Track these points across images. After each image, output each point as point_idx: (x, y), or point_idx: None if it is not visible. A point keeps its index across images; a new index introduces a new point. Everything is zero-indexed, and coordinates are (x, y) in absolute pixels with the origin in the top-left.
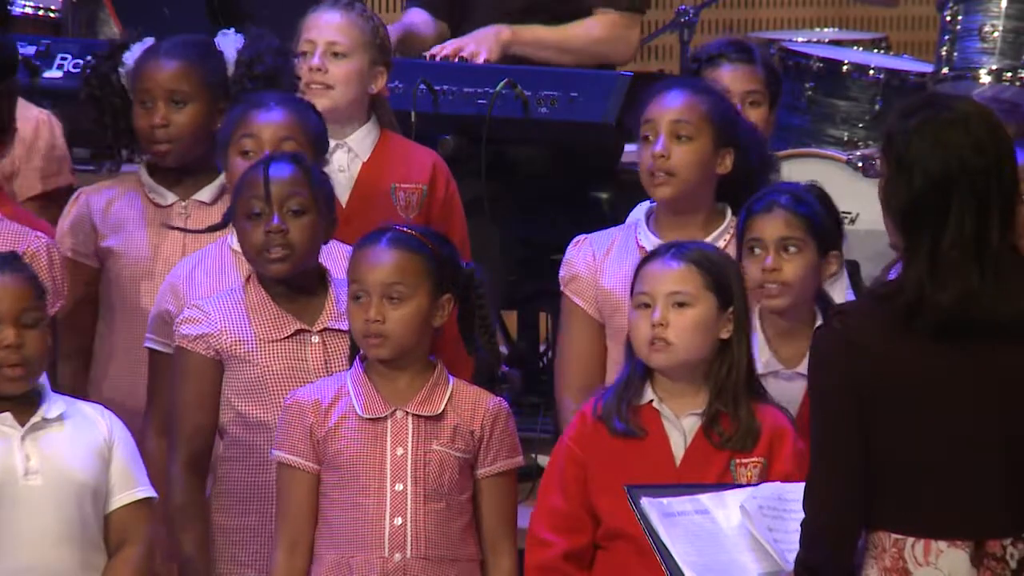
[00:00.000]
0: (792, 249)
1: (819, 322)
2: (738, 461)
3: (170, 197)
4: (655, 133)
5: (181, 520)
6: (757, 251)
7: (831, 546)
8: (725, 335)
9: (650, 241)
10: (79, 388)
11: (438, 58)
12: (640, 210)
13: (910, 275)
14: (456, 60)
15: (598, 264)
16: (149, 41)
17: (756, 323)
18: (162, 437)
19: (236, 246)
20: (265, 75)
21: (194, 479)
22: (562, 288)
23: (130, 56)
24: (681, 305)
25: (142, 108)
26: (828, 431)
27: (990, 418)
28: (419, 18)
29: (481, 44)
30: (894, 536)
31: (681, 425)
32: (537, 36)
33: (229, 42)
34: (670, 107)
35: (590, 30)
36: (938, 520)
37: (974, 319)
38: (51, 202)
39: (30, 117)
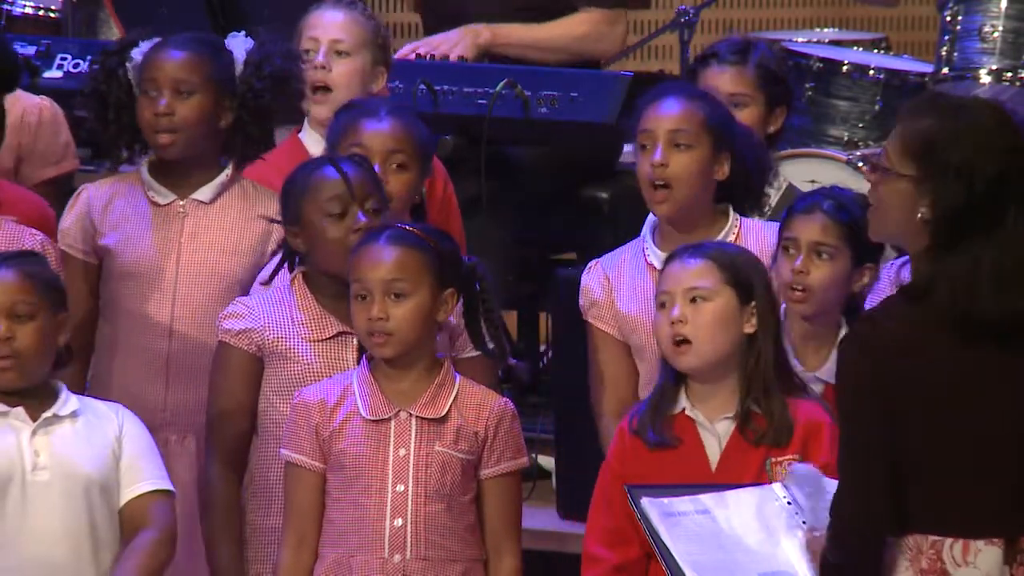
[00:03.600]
0: (824, 255)
1: (843, 328)
2: (773, 460)
3: (169, 196)
4: (653, 142)
5: (215, 516)
6: (791, 251)
7: (859, 548)
8: (749, 329)
9: (657, 256)
10: (73, 385)
11: (412, 56)
12: (647, 224)
13: (954, 279)
14: (429, 59)
15: (612, 287)
16: (158, 40)
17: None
18: None
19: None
20: (274, 76)
21: (230, 475)
22: (584, 316)
23: (138, 52)
24: (699, 300)
25: (147, 98)
26: (857, 434)
27: (1019, 416)
28: None
29: (456, 46)
30: (931, 538)
31: (715, 430)
32: (518, 36)
33: (239, 43)
34: (667, 115)
35: (573, 28)
36: (975, 520)
37: (1014, 323)
38: (56, 187)
39: (32, 105)
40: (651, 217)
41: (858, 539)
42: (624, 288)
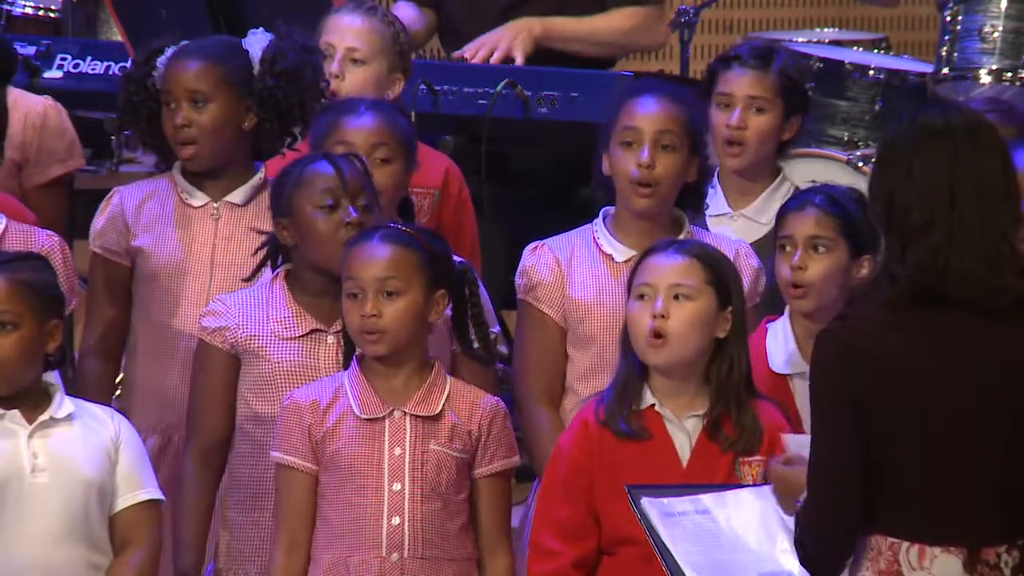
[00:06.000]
0: (821, 249)
1: None
2: (742, 460)
3: (202, 198)
4: (639, 141)
5: (186, 511)
6: (788, 248)
7: (831, 545)
8: (721, 334)
9: (615, 248)
10: (103, 385)
11: (477, 60)
12: (600, 214)
13: (882, 260)
14: (491, 62)
15: (563, 271)
16: (176, 49)
17: (787, 322)
18: None
19: None
20: (286, 72)
21: (205, 472)
22: (522, 296)
23: (163, 61)
24: (682, 298)
25: (167, 110)
26: (830, 431)
27: (984, 421)
28: (409, 14)
29: (515, 41)
30: (890, 540)
31: (684, 427)
32: (570, 29)
33: (256, 41)
34: (655, 115)
35: (617, 22)
36: (933, 525)
37: (946, 291)
38: (61, 186)
39: (35, 105)
40: (606, 208)
41: (831, 536)
42: (576, 274)
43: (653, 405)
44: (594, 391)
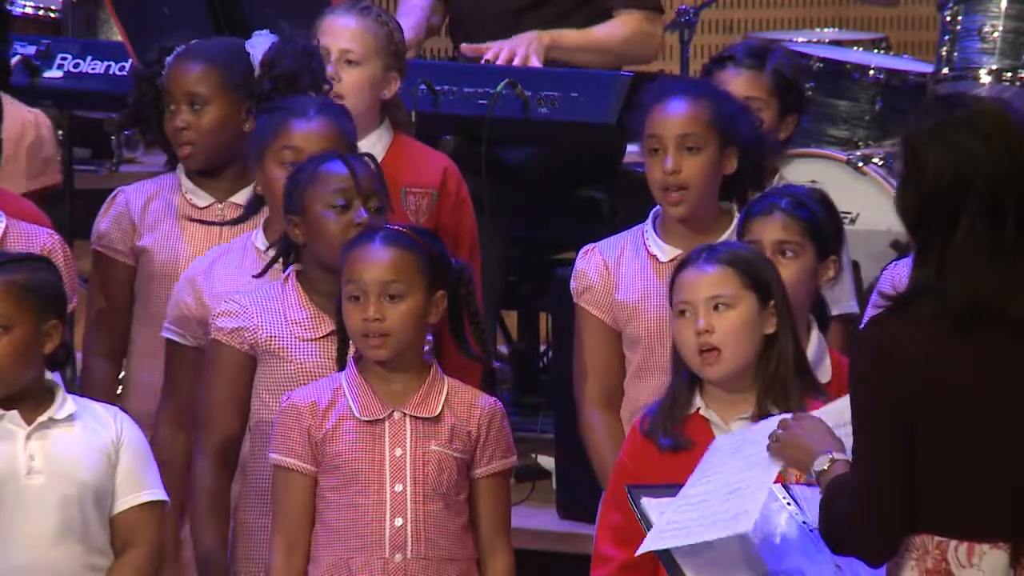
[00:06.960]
0: (789, 253)
1: (814, 327)
2: None
3: (207, 199)
4: (663, 148)
5: (204, 515)
6: None
7: (876, 551)
8: (770, 330)
9: (660, 248)
10: (110, 388)
11: (481, 57)
12: (650, 215)
13: (920, 274)
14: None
15: (611, 273)
16: (181, 49)
17: None
18: (177, 429)
19: (260, 244)
20: (284, 76)
21: (221, 473)
22: (575, 300)
23: (171, 60)
24: (723, 307)
25: (168, 112)
26: (873, 438)
27: (1016, 425)
28: (422, 2)
29: (529, 48)
30: (937, 538)
31: (730, 430)
32: (572, 41)
33: (259, 43)
34: (674, 120)
35: (617, 31)
36: (981, 522)
37: (991, 314)
38: (35, 201)
39: (18, 116)
40: (656, 208)
41: (875, 542)
42: (623, 276)
43: (699, 410)
44: (643, 392)
